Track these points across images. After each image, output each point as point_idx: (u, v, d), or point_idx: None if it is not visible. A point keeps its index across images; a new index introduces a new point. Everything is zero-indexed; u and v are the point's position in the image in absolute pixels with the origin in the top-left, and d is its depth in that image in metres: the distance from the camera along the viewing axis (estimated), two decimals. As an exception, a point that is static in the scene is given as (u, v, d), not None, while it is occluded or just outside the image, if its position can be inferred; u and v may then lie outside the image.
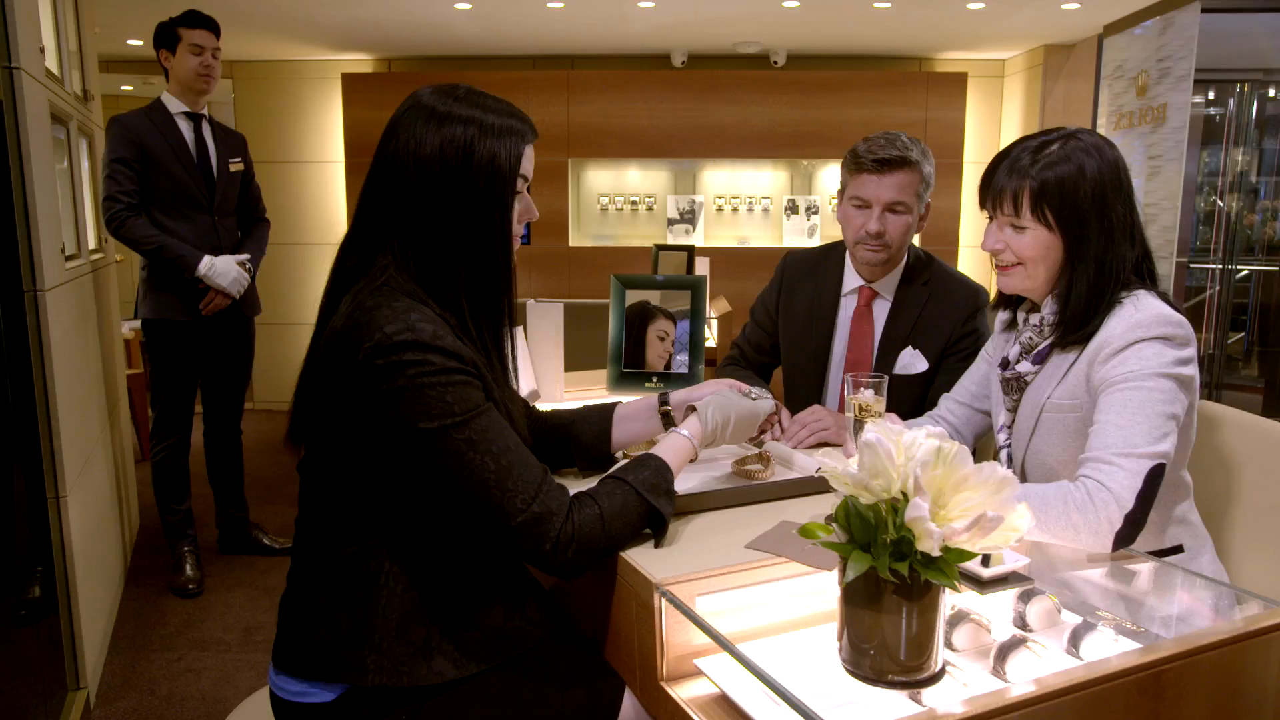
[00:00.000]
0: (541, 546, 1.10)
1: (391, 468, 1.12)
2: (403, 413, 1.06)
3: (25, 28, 2.13)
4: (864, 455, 0.82)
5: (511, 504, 1.09)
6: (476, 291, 1.17)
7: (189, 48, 2.96)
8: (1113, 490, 1.21)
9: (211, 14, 3.04)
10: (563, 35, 5.44)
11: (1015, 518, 0.79)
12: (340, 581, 1.15)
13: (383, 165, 1.16)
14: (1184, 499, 1.44)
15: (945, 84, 5.75)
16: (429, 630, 1.15)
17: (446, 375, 1.07)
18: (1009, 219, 1.38)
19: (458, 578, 1.19)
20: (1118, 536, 1.21)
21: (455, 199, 1.13)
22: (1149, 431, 1.24)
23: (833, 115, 5.70)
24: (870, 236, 1.86)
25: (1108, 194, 1.32)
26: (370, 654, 1.13)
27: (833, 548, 0.83)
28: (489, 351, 1.19)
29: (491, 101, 1.19)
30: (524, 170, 1.20)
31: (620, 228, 6.21)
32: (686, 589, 1.10)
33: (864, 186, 1.85)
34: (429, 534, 1.17)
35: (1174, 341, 1.29)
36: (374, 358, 1.06)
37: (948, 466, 0.80)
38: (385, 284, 1.13)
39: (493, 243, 1.17)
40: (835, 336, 2.02)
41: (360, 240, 1.18)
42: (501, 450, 1.10)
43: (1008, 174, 1.36)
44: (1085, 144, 1.34)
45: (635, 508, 1.18)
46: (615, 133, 5.84)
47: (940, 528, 0.77)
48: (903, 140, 1.85)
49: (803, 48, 5.82)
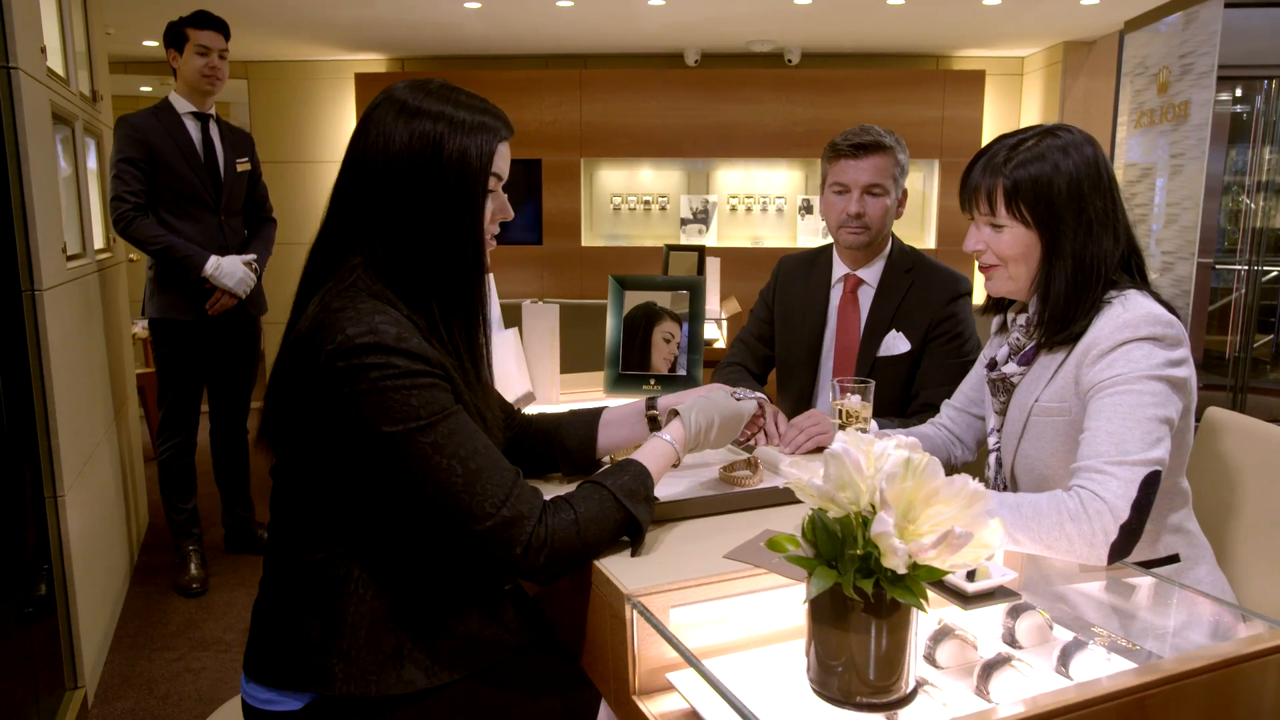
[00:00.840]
0: (511, 551, 1.07)
1: (358, 472, 1.10)
2: (365, 416, 1.04)
3: (24, 28, 2.13)
4: (830, 466, 0.78)
5: (480, 508, 1.06)
6: (447, 292, 1.14)
7: (196, 48, 2.96)
8: (1107, 500, 1.17)
9: (226, 14, 3.04)
10: (574, 34, 5.42)
11: (987, 534, 0.75)
12: (309, 588, 1.13)
13: (353, 162, 1.14)
14: (1181, 507, 1.39)
15: (962, 82, 5.67)
16: (400, 638, 1.12)
17: (411, 378, 1.05)
18: (986, 218, 1.35)
19: (430, 584, 1.16)
20: (1113, 548, 1.17)
21: (424, 196, 1.10)
22: (1142, 437, 1.19)
23: (848, 114, 5.64)
24: (851, 218, 1.95)
25: (1084, 189, 1.29)
26: (338, 662, 1.10)
27: (798, 562, 0.79)
28: (460, 353, 1.17)
29: (465, 97, 1.16)
30: (497, 169, 1.16)
31: (633, 228, 6.18)
32: (660, 600, 1.06)
33: (843, 172, 1.95)
34: (399, 540, 1.14)
35: (1164, 342, 1.25)
36: (335, 360, 1.03)
37: (917, 479, 0.76)
38: (352, 285, 1.10)
39: (463, 242, 1.14)
40: (827, 328, 2.09)
41: (330, 240, 1.16)
42: (470, 454, 1.07)
43: (982, 172, 1.34)
44: (1062, 140, 1.31)
45: (612, 514, 1.15)
46: (628, 132, 5.81)
47: (909, 543, 0.73)
48: (876, 129, 1.97)
49: (817, 46, 5.76)
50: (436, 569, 1.17)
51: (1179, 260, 4.36)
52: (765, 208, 6.03)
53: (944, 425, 1.67)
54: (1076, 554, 1.19)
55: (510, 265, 6.02)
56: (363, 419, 1.04)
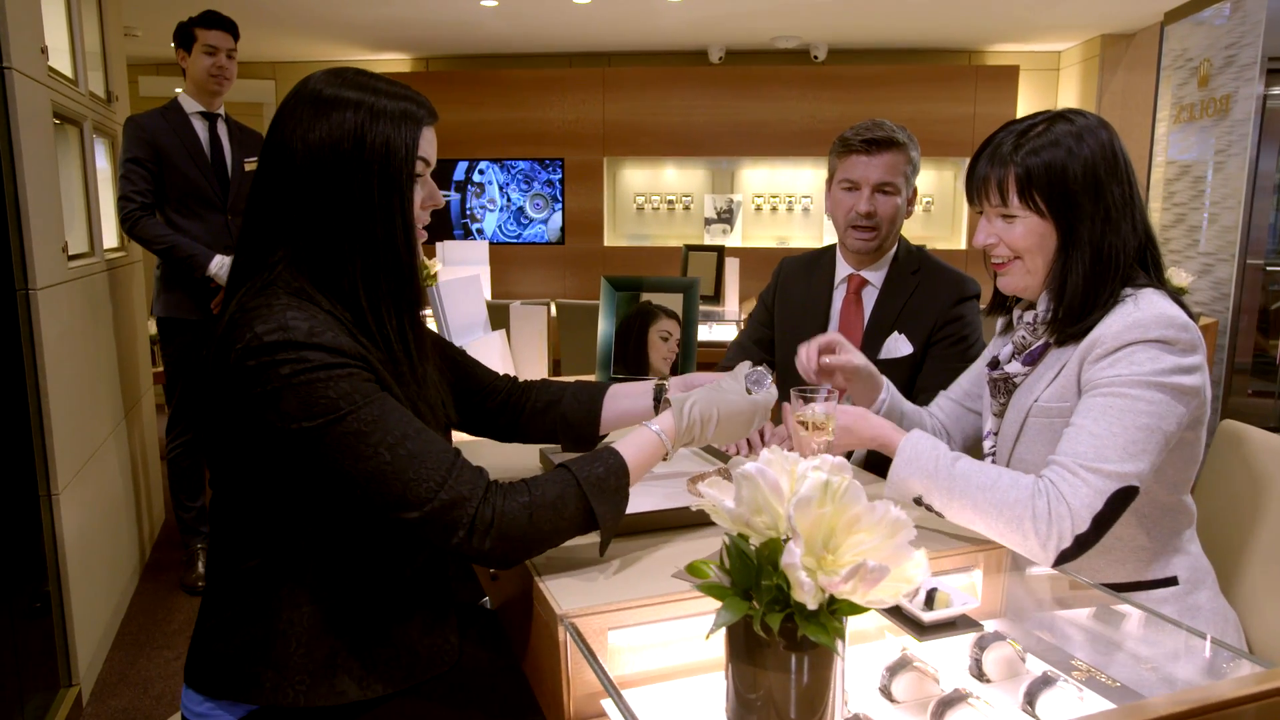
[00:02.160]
0: (455, 534, 1.01)
1: (285, 474, 1.06)
2: (282, 413, 0.99)
3: (20, 29, 2.14)
4: (743, 488, 0.72)
5: (416, 493, 1.01)
6: (376, 284, 1.09)
7: (204, 48, 2.97)
8: (1071, 507, 1.12)
9: (252, 16, 3.04)
10: (596, 32, 5.37)
11: (909, 567, 0.67)
12: (244, 595, 1.09)
13: (270, 156, 1.09)
14: (1185, 527, 1.29)
15: (995, 78, 5.51)
16: (334, 646, 1.08)
17: (326, 370, 1.00)
18: (998, 210, 1.27)
19: (369, 590, 1.12)
20: (1062, 554, 1.12)
21: (348, 187, 1.06)
22: (1125, 446, 1.12)
23: (876, 111, 5.50)
24: (861, 216, 1.86)
25: (1100, 175, 1.21)
26: (267, 670, 1.06)
27: (710, 591, 0.72)
28: (392, 346, 1.12)
29: (384, 84, 1.12)
30: (424, 154, 1.12)
31: (656, 227, 6.12)
32: (597, 621, 1.00)
33: (853, 168, 1.86)
34: (336, 543, 1.10)
35: (1174, 346, 1.16)
36: (245, 359, 0.99)
37: (837, 504, 0.69)
38: (272, 283, 1.06)
39: (392, 231, 1.09)
40: (830, 326, 2.02)
41: (252, 237, 1.11)
42: (399, 439, 1.02)
43: (990, 162, 1.26)
44: (1075, 125, 1.23)
45: (573, 503, 1.08)
46: (651, 131, 5.75)
47: (828, 575, 0.66)
48: (889, 124, 1.87)
49: (844, 42, 5.64)
50: (376, 574, 1.12)
51: (1219, 262, 4.18)
52: (791, 207, 5.93)
53: (933, 415, 1.59)
54: (1027, 550, 1.14)
55: (532, 265, 6.00)
56: (280, 416, 0.99)
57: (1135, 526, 1.26)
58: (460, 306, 1.89)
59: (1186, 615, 1.25)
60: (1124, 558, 1.28)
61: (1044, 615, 1.17)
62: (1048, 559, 1.13)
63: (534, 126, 5.78)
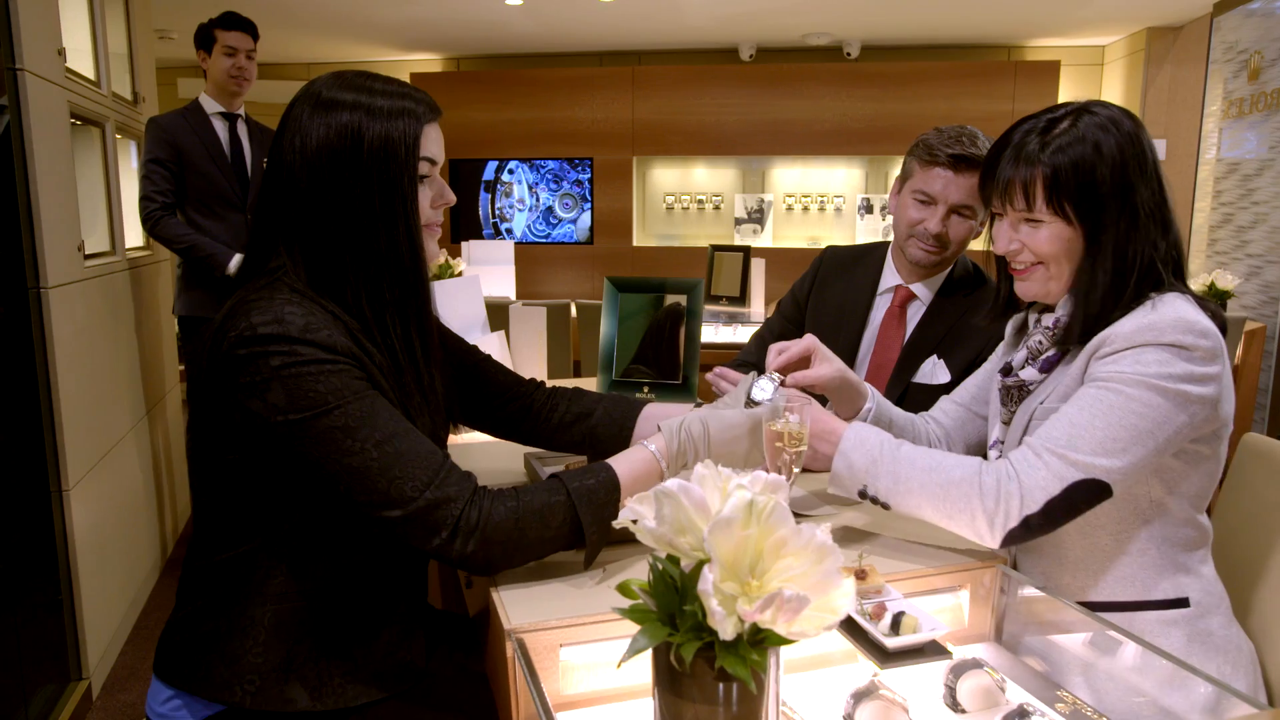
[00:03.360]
0: (438, 534, 0.99)
1: (267, 467, 1.04)
2: (269, 403, 0.97)
3: (34, 31, 2.16)
4: (664, 506, 0.67)
5: (400, 491, 0.98)
6: (380, 292, 1.07)
7: (223, 49, 3.00)
8: (1023, 485, 1.06)
9: (283, 17, 3.06)
10: (625, 30, 5.34)
11: (836, 597, 0.62)
12: (215, 587, 1.08)
13: (274, 163, 1.08)
14: (1198, 546, 1.21)
15: (1035, 74, 5.35)
16: (293, 651, 1.06)
17: (318, 365, 0.98)
18: (1022, 214, 1.18)
19: (340, 598, 1.09)
20: (1009, 535, 1.06)
21: (348, 193, 1.04)
22: (1102, 440, 1.05)
23: (910, 109, 5.39)
24: (930, 237, 1.70)
25: (1129, 174, 1.13)
26: (221, 665, 1.05)
27: (632, 615, 0.68)
28: (397, 354, 1.09)
29: (381, 84, 1.09)
30: (427, 152, 1.10)
31: (686, 227, 6.06)
32: (548, 637, 0.97)
33: (933, 182, 1.68)
34: (311, 544, 1.08)
35: (1191, 353, 1.07)
36: (237, 348, 0.98)
37: (763, 526, 0.64)
38: (274, 283, 1.05)
39: (395, 236, 1.06)
40: (865, 336, 1.85)
41: (258, 241, 1.10)
42: (387, 437, 0.99)
43: (1014, 162, 1.17)
44: (1100, 118, 1.14)
45: (560, 514, 1.05)
46: (681, 130, 5.69)
47: (745, 605, 0.61)
48: (982, 139, 1.67)
49: (878, 38, 5.52)
50: (350, 581, 1.10)
51: (1268, 264, 4.00)
52: (823, 207, 5.83)
53: (935, 419, 1.50)
54: (974, 531, 1.08)
55: (561, 265, 5.98)
56: (267, 407, 0.98)
57: (1145, 540, 1.18)
58: (455, 307, 1.87)
59: (1196, 640, 1.17)
60: (1131, 574, 1.20)
61: (1035, 640, 1.10)
62: (994, 538, 1.07)
63: (563, 126, 5.76)
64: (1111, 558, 1.17)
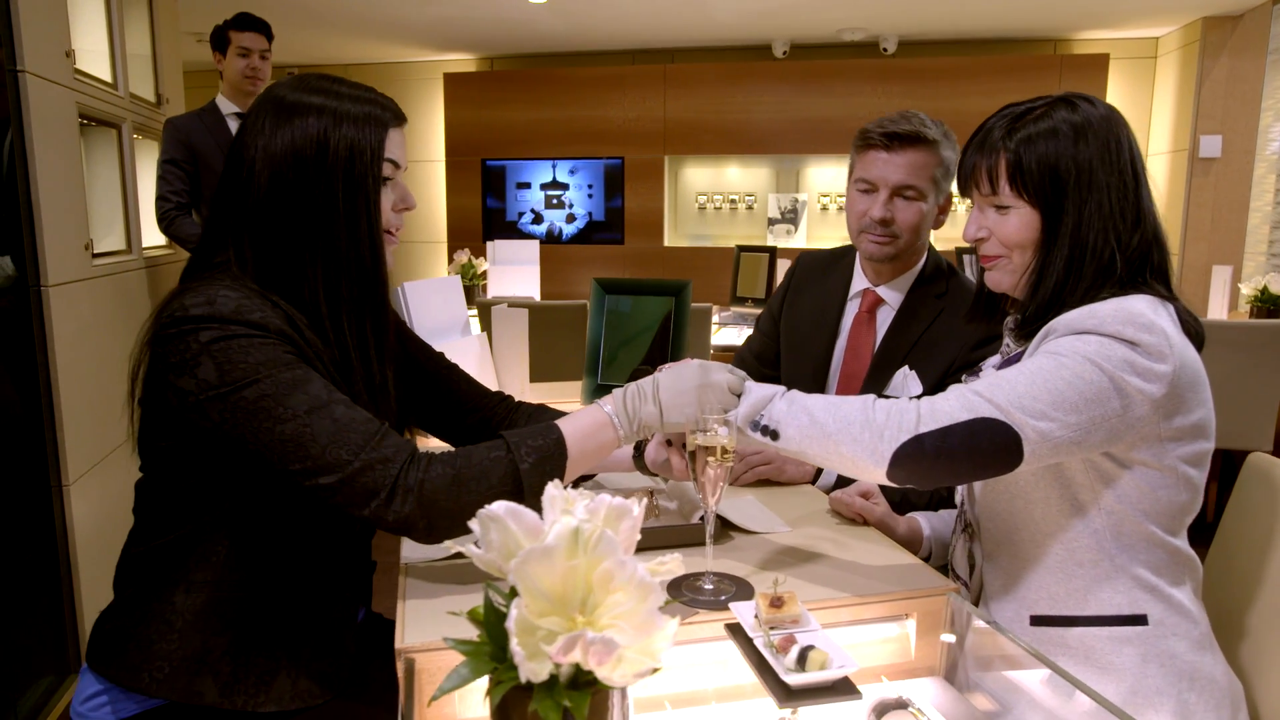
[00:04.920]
0: (376, 496, 0.96)
1: (197, 452, 1.04)
2: (199, 380, 0.97)
3: (38, 34, 2.20)
4: (490, 530, 0.61)
5: (335, 456, 0.96)
6: (337, 290, 1.07)
7: (237, 50, 3.03)
8: (922, 409, 1.00)
9: (317, 19, 3.09)
10: (657, 28, 5.28)
11: (656, 640, 0.56)
12: (147, 572, 1.08)
13: (233, 162, 1.08)
14: (1170, 572, 1.10)
15: (1083, 67, 5.14)
16: (209, 642, 1.04)
17: (248, 339, 0.98)
18: (989, 199, 1.15)
19: (270, 595, 1.08)
20: (896, 454, 0.99)
21: (311, 194, 1.05)
22: (1022, 395, 0.99)
23: (949, 106, 5.22)
24: (875, 224, 1.61)
25: (1095, 163, 1.09)
26: (137, 650, 1.04)
27: (458, 647, 0.62)
28: (349, 350, 1.09)
29: (347, 88, 1.10)
30: (392, 155, 1.10)
31: (719, 227, 5.98)
32: (445, 658, 0.92)
33: (871, 166, 1.61)
34: (245, 534, 1.07)
35: (1134, 346, 1.01)
36: (167, 328, 0.99)
37: (589, 556, 0.58)
38: (216, 272, 1.05)
39: (357, 236, 1.07)
40: (836, 346, 1.77)
41: (208, 242, 1.11)
42: (321, 404, 0.98)
43: (979, 149, 1.15)
44: (1074, 105, 1.11)
45: (501, 472, 1.01)
46: (714, 128, 5.61)
47: (546, 646, 0.55)
48: (920, 117, 1.60)
49: (916, 33, 5.36)
50: (285, 576, 1.08)
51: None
52: (858, 206, 5.69)
53: None
54: (860, 453, 1.01)
55: (591, 265, 5.95)
56: (197, 384, 0.97)
57: (1097, 552, 1.09)
58: (429, 309, 1.83)
59: (1153, 661, 1.07)
60: (1084, 587, 1.10)
61: (984, 676, 1.02)
62: (881, 457, 0.99)
63: (594, 125, 5.73)
64: (1064, 568, 1.11)
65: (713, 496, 1.01)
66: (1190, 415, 1.04)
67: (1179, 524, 1.10)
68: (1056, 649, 1.10)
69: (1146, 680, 1.05)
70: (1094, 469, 1.07)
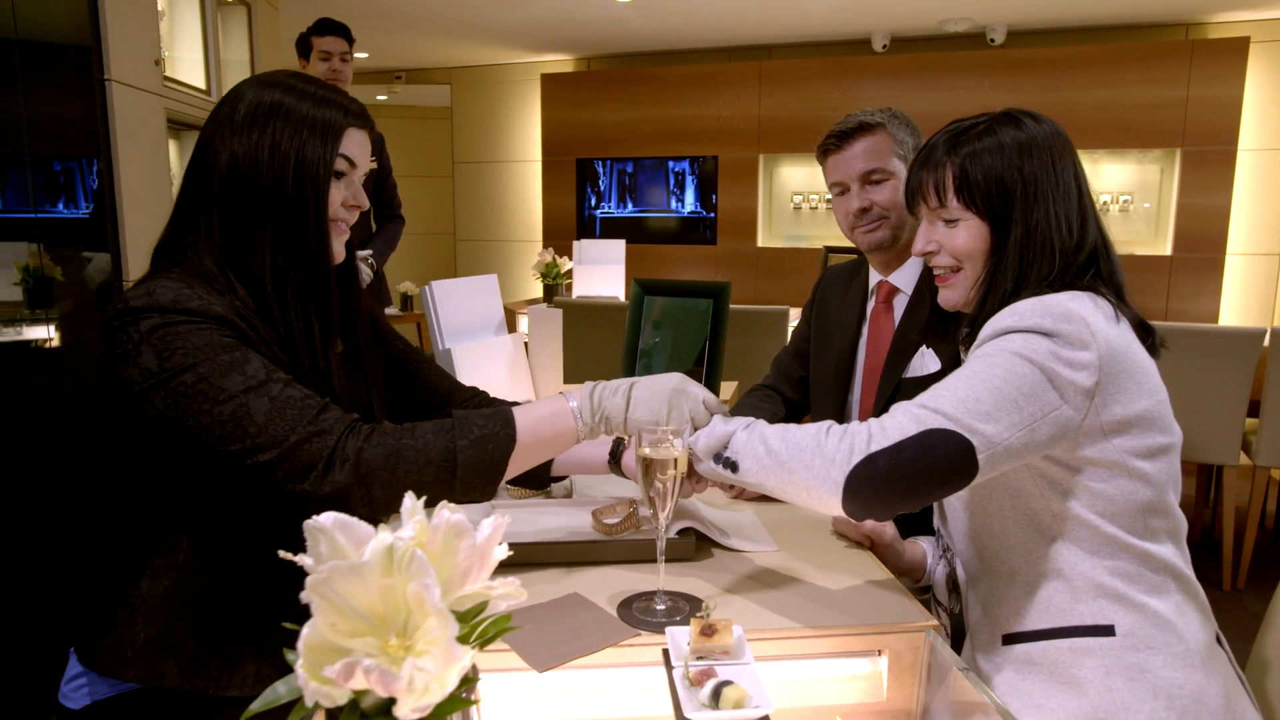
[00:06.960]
0: (314, 468, 0.97)
1: (149, 442, 1.07)
2: (142, 368, 1.00)
3: (126, 44, 2.34)
4: (319, 543, 0.58)
5: (275, 432, 0.97)
6: (285, 272, 1.10)
7: (319, 54, 3.14)
8: (872, 429, 0.97)
9: (425, 26, 3.18)
10: (752, 24, 5.18)
11: (453, 673, 0.51)
12: (112, 559, 1.12)
13: (197, 155, 1.12)
14: (1143, 580, 1.02)
15: (1217, 53, 4.71)
16: (171, 625, 1.07)
17: (186, 325, 1.00)
18: (937, 212, 1.15)
19: (235, 580, 1.10)
20: (853, 472, 0.94)
21: (265, 184, 1.08)
22: (964, 400, 0.97)
23: (1064, 99, 4.89)
24: (856, 216, 1.67)
25: (1040, 175, 1.10)
26: (105, 633, 1.07)
27: (290, 659, 0.60)
28: (294, 331, 1.11)
29: (310, 87, 1.13)
30: (347, 150, 1.11)
31: (814, 228, 5.81)
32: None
33: (834, 169, 1.68)
34: (209, 522, 1.10)
35: (1053, 337, 1.00)
36: (110, 320, 1.02)
37: (403, 575, 0.54)
38: (179, 264, 1.09)
39: (305, 226, 1.10)
40: (859, 344, 1.81)
41: (174, 228, 1.14)
42: (260, 383, 0.99)
43: (923, 165, 1.16)
44: (1019, 122, 1.13)
45: (441, 442, 1.00)
46: (810, 126, 5.45)
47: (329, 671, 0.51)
48: (865, 110, 1.70)
49: (1026, 21, 5.05)
50: (242, 559, 1.10)
51: None
52: (962, 206, 5.42)
53: None
54: (814, 480, 0.96)
55: (682, 266, 5.91)
56: (140, 373, 1.00)
57: (1057, 561, 1.05)
58: (459, 308, 1.84)
59: (1119, 674, 1.00)
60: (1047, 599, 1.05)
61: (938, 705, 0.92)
62: (835, 485, 0.94)
63: (689, 124, 5.68)
64: (1029, 581, 1.07)
65: (663, 512, 0.95)
66: (1132, 405, 1.00)
67: (1144, 526, 1.03)
68: (1025, 667, 1.05)
69: (1111, 694, 0.98)
70: (1042, 477, 1.04)
